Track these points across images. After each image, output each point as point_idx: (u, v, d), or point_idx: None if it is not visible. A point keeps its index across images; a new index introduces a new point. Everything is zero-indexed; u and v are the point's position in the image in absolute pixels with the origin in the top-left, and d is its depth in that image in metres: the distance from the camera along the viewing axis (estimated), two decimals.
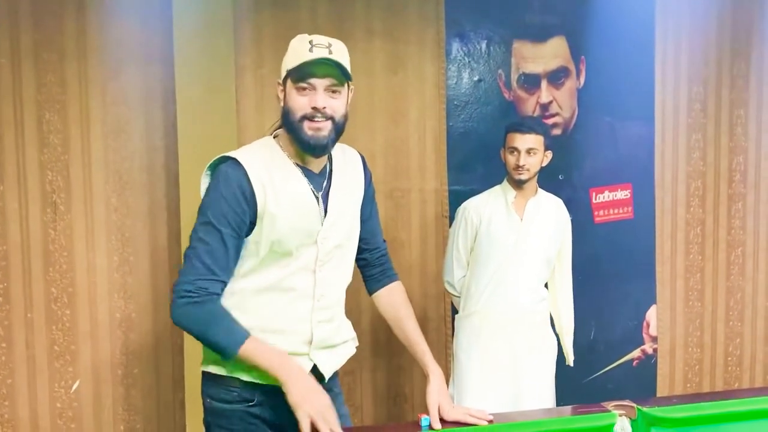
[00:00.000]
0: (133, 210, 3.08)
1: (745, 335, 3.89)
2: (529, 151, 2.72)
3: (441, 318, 3.42)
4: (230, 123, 3.03)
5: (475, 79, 3.40)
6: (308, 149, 1.80)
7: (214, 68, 3.00)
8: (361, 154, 2.03)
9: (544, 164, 2.80)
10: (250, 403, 1.84)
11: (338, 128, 1.81)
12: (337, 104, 1.79)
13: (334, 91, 1.78)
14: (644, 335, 3.69)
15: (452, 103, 3.37)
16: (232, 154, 1.84)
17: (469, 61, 3.39)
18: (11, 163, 2.96)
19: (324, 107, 1.76)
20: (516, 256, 2.78)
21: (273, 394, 1.80)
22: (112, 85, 3.03)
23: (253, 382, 1.83)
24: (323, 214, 1.87)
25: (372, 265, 2.06)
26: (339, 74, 1.77)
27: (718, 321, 3.85)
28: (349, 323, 2.02)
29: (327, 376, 1.90)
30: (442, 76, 3.36)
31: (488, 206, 2.83)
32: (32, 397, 3.03)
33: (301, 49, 1.77)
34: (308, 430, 1.66)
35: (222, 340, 1.75)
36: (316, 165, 1.88)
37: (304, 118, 1.76)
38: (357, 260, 2.04)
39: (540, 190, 2.87)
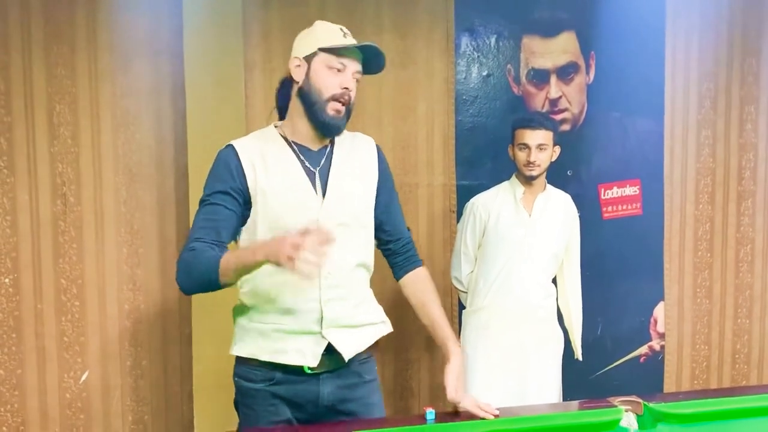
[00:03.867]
0: (142, 202, 3.10)
1: (753, 332, 3.88)
2: (540, 147, 2.72)
3: (448, 313, 3.41)
4: (239, 117, 3.04)
5: (484, 74, 3.40)
6: (325, 129, 1.88)
7: (223, 62, 3.01)
8: (377, 145, 2.06)
9: (552, 159, 2.79)
10: (271, 382, 1.88)
11: (349, 114, 1.89)
12: (355, 92, 1.88)
13: (357, 79, 1.88)
14: (652, 332, 3.68)
15: (461, 98, 3.37)
16: (232, 141, 1.93)
17: (478, 56, 3.38)
18: (22, 155, 2.98)
19: (351, 90, 1.86)
20: (524, 252, 2.78)
21: (291, 373, 1.87)
22: (122, 78, 3.05)
23: (272, 362, 1.87)
24: (322, 190, 1.89)
25: (397, 254, 2.06)
26: (361, 64, 1.88)
27: (726, 318, 3.84)
28: (377, 307, 2.03)
29: (346, 356, 1.89)
30: (451, 71, 3.36)
31: (497, 202, 2.83)
32: (41, 388, 3.05)
33: (334, 33, 1.87)
34: (291, 262, 1.54)
35: (204, 268, 1.74)
36: (316, 143, 1.92)
37: (332, 98, 1.84)
38: (383, 250, 2.07)
39: (548, 186, 2.87)
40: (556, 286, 2.93)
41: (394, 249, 2.06)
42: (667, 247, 3.68)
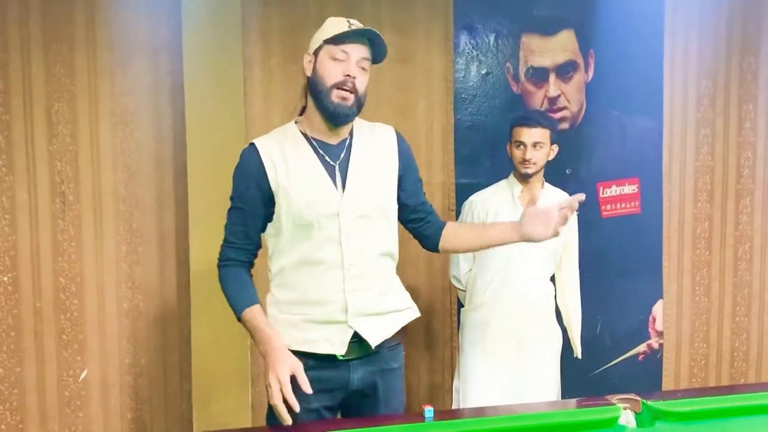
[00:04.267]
0: (141, 200, 3.10)
1: (751, 331, 3.88)
2: (536, 145, 2.72)
3: (447, 311, 3.43)
4: (238, 114, 3.04)
5: (483, 72, 3.40)
6: (332, 117, 1.93)
7: (222, 60, 3.01)
8: (397, 131, 2.10)
9: (550, 158, 2.79)
10: (304, 368, 1.92)
11: (359, 103, 1.94)
12: (363, 80, 1.94)
13: (363, 67, 1.94)
14: (650, 330, 3.69)
15: (460, 96, 3.37)
16: (253, 140, 2.02)
17: (477, 54, 3.38)
18: (20, 154, 2.98)
19: (354, 77, 1.90)
20: (522, 250, 2.77)
21: (323, 360, 1.95)
22: (121, 76, 3.05)
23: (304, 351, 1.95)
24: (342, 184, 1.95)
25: (428, 226, 2.16)
26: (370, 51, 1.94)
27: (724, 316, 3.84)
28: (404, 294, 2.11)
29: (372, 344, 1.97)
30: (450, 69, 3.36)
31: (495, 200, 2.83)
32: (40, 386, 3.05)
33: (339, 24, 1.94)
34: (276, 392, 1.79)
35: (231, 304, 1.97)
36: (334, 137, 1.99)
37: (335, 86, 1.90)
38: (413, 228, 2.16)
39: (546, 184, 2.87)
40: (554, 284, 2.93)
41: (426, 223, 2.15)
42: (665, 246, 3.69)
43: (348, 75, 1.90)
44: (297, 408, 1.77)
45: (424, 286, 3.36)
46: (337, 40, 1.90)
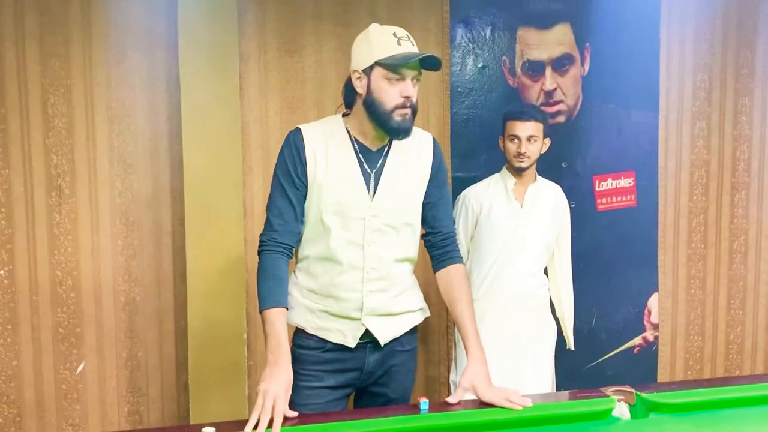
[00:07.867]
0: (137, 194, 3.10)
1: (746, 323, 3.90)
2: (530, 139, 2.72)
3: (442, 304, 3.41)
4: (234, 108, 3.04)
5: (480, 65, 3.39)
6: (396, 134, 1.96)
7: (218, 53, 3.00)
8: (435, 140, 2.13)
9: (542, 151, 2.80)
10: (324, 349, 2.04)
11: (415, 114, 1.97)
12: (416, 93, 1.95)
13: (417, 81, 1.94)
14: (645, 323, 3.70)
15: (456, 90, 3.37)
16: (300, 125, 2.05)
17: (473, 48, 3.38)
18: (16, 147, 2.97)
19: (411, 96, 1.92)
20: (516, 243, 2.79)
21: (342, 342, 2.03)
22: (116, 69, 3.04)
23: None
24: (373, 190, 1.98)
25: (435, 247, 2.15)
26: (419, 66, 1.93)
27: (719, 309, 3.85)
28: (417, 295, 2.16)
29: (382, 342, 2.05)
30: (446, 63, 3.35)
31: (488, 194, 2.84)
32: (37, 379, 3.06)
33: (388, 42, 1.91)
34: (259, 404, 1.75)
35: (260, 295, 1.95)
36: (377, 143, 2.02)
37: (396, 107, 1.91)
38: (423, 240, 2.16)
39: (539, 177, 2.88)
40: (547, 276, 2.94)
41: (433, 242, 2.15)
42: (661, 239, 3.70)
43: (406, 96, 1.91)
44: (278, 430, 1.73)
45: (420, 278, 3.35)
46: (392, 64, 1.89)
